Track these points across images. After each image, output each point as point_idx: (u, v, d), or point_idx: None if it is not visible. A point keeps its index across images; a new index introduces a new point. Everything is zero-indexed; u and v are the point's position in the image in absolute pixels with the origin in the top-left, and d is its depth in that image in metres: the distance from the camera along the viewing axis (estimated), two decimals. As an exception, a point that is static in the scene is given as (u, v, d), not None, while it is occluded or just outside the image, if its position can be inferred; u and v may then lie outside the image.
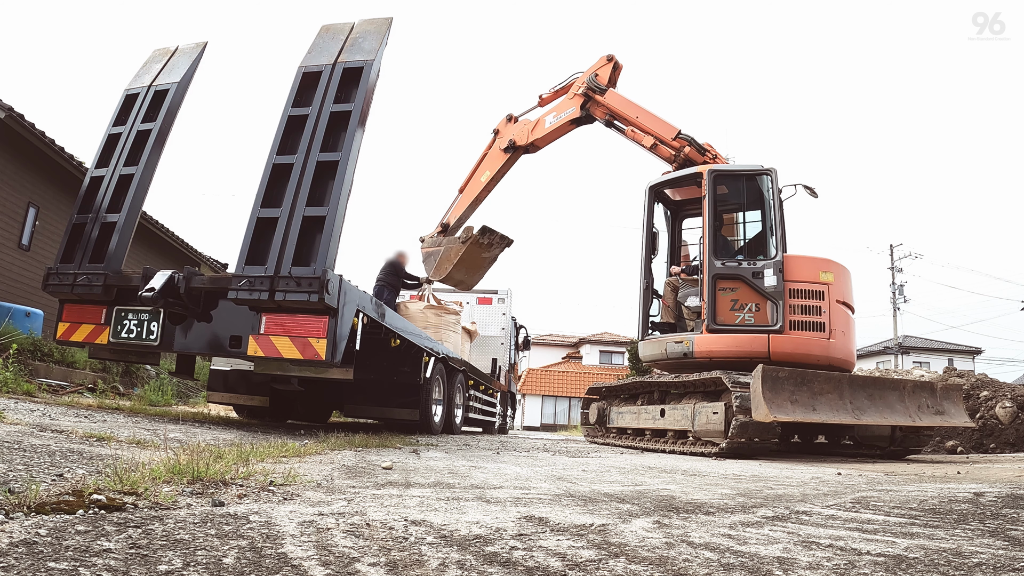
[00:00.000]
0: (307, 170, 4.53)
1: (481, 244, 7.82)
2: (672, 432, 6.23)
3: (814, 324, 6.05)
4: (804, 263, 6.28)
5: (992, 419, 8.01)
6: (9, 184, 9.65)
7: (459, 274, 8.07)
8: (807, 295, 6.12)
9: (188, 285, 4.62)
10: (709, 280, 6.28)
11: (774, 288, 6.07)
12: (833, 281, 6.23)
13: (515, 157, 8.28)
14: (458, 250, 7.88)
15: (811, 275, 6.20)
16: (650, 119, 7.39)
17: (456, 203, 8.56)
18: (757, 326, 6.08)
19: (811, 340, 6.04)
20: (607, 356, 38.89)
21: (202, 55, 5.71)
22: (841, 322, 6.22)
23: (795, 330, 6.04)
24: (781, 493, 2.52)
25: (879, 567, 1.23)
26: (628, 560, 1.23)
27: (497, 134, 8.43)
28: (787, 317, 6.03)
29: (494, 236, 7.90)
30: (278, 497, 1.76)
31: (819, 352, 6.05)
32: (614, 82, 7.78)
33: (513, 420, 15.26)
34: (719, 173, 6.65)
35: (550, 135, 8.05)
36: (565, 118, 7.87)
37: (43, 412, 4.02)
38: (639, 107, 7.49)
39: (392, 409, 6.62)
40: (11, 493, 1.40)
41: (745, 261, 6.38)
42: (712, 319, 6.19)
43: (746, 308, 6.15)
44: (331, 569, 1.06)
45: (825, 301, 6.13)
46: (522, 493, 2.20)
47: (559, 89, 8.16)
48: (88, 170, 5.46)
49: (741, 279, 6.22)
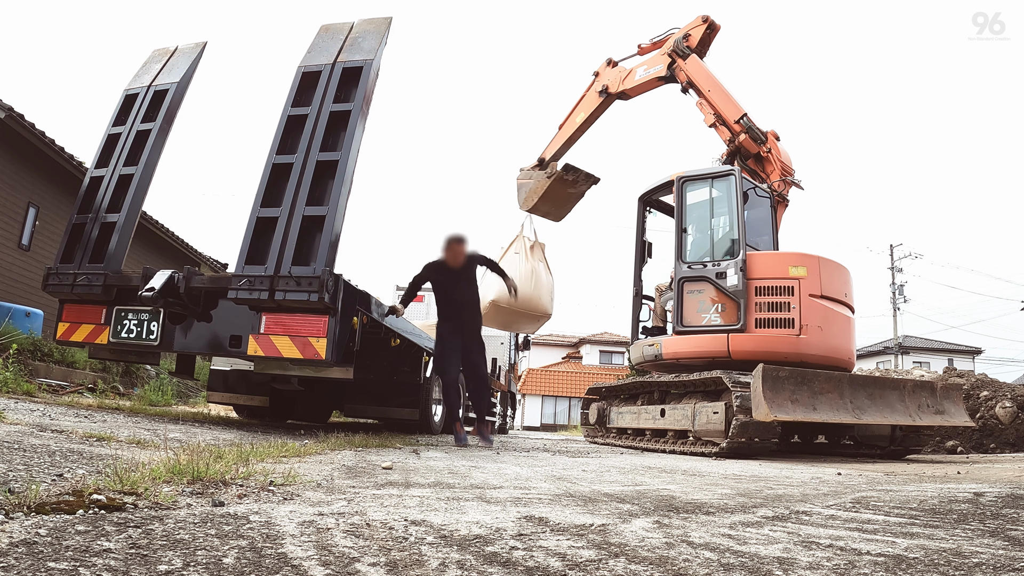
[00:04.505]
0: (307, 170, 4.54)
1: (566, 180, 8.30)
2: (672, 432, 6.23)
3: (782, 321, 5.96)
4: (772, 259, 6.24)
5: (992, 419, 8.01)
6: (9, 184, 9.65)
7: (544, 207, 8.60)
8: (775, 292, 6.05)
9: (188, 285, 4.62)
10: (676, 284, 6.47)
11: (735, 287, 6.11)
12: (805, 275, 6.02)
13: (607, 102, 8.38)
14: (544, 184, 8.41)
15: (779, 271, 6.11)
16: (720, 96, 7.22)
17: (553, 139, 8.76)
18: (721, 326, 6.13)
19: (777, 337, 5.96)
20: (607, 356, 38.89)
21: (202, 55, 5.71)
22: (818, 317, 5.97)
23: (762, 328, 6.01)
24: (781, 493, 2.52)
25: (879, 567, 1.23)
26: (628, 560, 1.23)
27: (596, 76, 8.51)
28: (752, 315, 6.02)
29: (579, 173, 8.33)
30: (278, 497, 1.76)
31: (787, 349, 5.91)
32: (707, 44, 7.59)
33: (513, 420, 15.26)
34: (687, 178, 6.86)
35: (639, 87, 8.08)
36: (653, 74, 7.87)
37: (43, 412, 4.02)
38: (714, 80, 7.33)
39: (392, 409, 6.62)
40: (11, 493, 1.39)
41: (710, 263, 6.41)
42: (679, 321, 6.36)
43: (712, 309, 6.23)
44: (331, 569, 1.06)
45: (795, 296, 5.96)
46: (522, 493, 2.20)
47: (657, 41, 8.09)
48: (88, 170, 5.46)
49: (706, 280, 6.32)
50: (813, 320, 5.95)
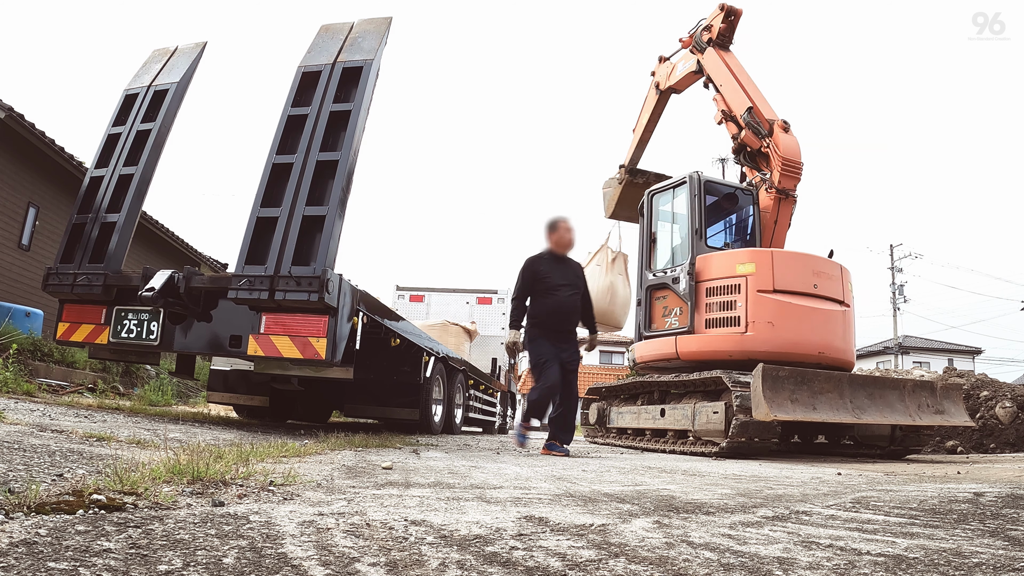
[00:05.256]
0: (307, 170, 4.53)
1: (637, 184, 8.49)
2: (672, 432, 6.23)
3: (730, 319, 5.98)
4: (722, 259, 6.25)
5: (992, 419, 8.01)
6: (9, 184, 9.65)
7: (624, 212, 8.79)
8: (724, 291, 6.07)
9: (188, 285, 4.62)
10: (645, 292, 6.80)
11: (683, 291, 6.31)
12: (754, 271, 5.92)
13: (663, 99, 8.47)
14: (618, 190, 8.71)
15: (728, 270, 6.11)
16: (731, 90, 7.11)
17: (630, 144, 8.90)
18: (677, 329, 6.31)
19: (721, 336, 5.98)
20: (607, 356, 38.87)
21: (202, 55, 5.71)
22: (768, 313, 5.82)
23: (713, 327, 6.08)
24: (781, 493, 2.52)
25: (879, 567, 1.23)
26: (628, 560, 1.23)
27: (653, 74, 8.61)
28: (701, 317, 6.15)
29: (647, 175, 8.57)
30: (278, 497, 1.76)
31: (731, 348, 5.90)
32: (730, 32, 7.42)
33: (513, 420, 15.24)
34: (655, 191, 7.24)
35: (681, 82, 8.10)
36: (688, 69, 7.88)
37: (43, 412, 4.02)
38: (728, 74, 7.21)
39: (392, 409, 6.62)
40: (11, 493, 1.39)
41: (670, 269, 6.61)
42: (646, 327, 6.71)
43: (672, 314, 6.46)
44: (331, 569, 1.06)
45: (742, 294, 5.92)
46: (522, 493, 2.20)
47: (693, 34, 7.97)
48: (88, 170, 5.46)
49: (667, 287, 6.58)
50: (762, 316, 5.84)
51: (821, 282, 6.11)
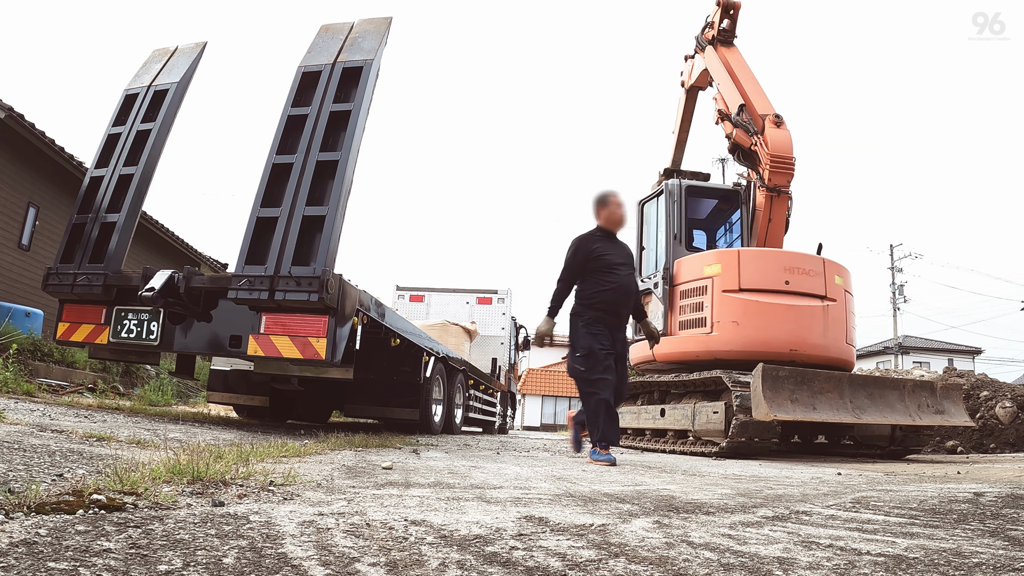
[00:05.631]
0: (307, 170, 4.53)
1: None
2: (672, 432, 6.24)
3: (699, 321, 6.07)
4: (692, 262, 6.36)
5: (992, 419, 8.01)
6: (9, 184, 9.65)
7: None
8: (693, 293, 6.20)
9: (188, 285, 4.62)
10: None
11: (660, 295, 6.51)
12: (720, 272, 5.94)
13: (691, 97, 8.52)
14: None
15: (697, 272, 6.20)
16: (727, 88, 7.11)
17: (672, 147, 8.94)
18: None
19: (690, 338, 6.10)
20: (607, 356, 38.79)
21: (202, 55, 5.71)
22: (734, 312, 5.77)
23: (686, 329, 6.18)
24: (781, 493, 2.52)
25: (879, 567, 1.23)
26: (628, 560, 1.23)
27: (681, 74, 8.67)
28: (675, 319, 6.30)
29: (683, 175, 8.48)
30: (278, 497, 1.76)
31: (697, 348, 5.96)
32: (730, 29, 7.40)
33: (513, 420, 15.26)
34: (645, 200, 7.44)
35: (700, 79, 8.11)
36: (700, 67, 7.89)
37: (43, 412, 4.02)
38: (724, 72, 7.20)
39: (392, 409, 6.62)
40: (11, 493, 1.39)
41: (655, 275, 6.77)
42: (635, 331, 6.80)
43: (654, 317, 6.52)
44: (331, 569, 1.06)
45: (708, 295, 5.96)
46: (522, 493, 2.20)
47: None
48: (88, 170, 5.46)
49: (650, 292, 6.75)
50: (727, 316, 5.85)
51: (795, 278, 5.95)
